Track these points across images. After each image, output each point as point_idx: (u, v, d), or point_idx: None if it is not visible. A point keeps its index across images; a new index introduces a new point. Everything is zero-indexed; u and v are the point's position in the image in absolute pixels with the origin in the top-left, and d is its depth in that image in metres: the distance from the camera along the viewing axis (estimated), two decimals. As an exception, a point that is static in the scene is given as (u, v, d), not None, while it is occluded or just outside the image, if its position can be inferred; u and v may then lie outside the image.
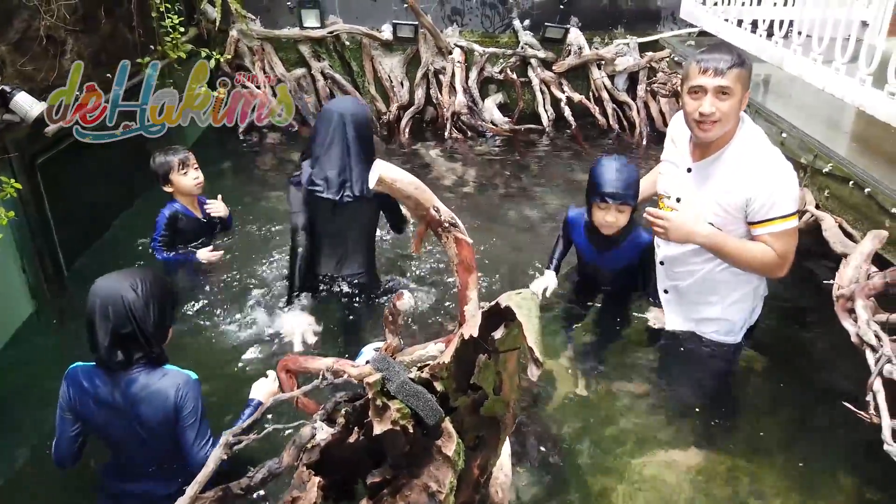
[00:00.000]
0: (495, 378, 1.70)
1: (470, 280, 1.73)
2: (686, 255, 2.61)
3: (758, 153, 2.38)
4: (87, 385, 1.95)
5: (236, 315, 3.11)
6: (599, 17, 5.88)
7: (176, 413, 1.94)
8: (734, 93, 2.32)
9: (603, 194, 2.65)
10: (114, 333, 1.88)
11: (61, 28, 3.27)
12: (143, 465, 2.04)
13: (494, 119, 5.89)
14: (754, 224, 2.38)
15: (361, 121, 2.82)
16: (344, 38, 5.76)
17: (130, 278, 1.94)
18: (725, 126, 2.36)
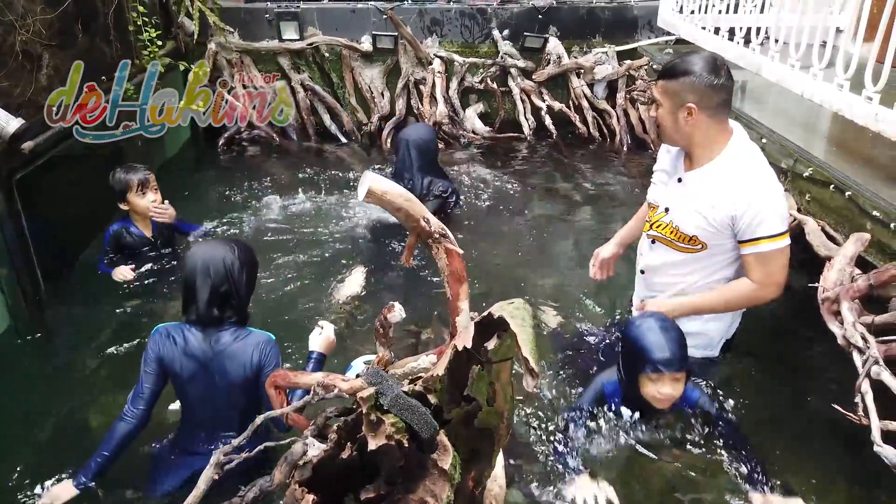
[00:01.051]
0: (489, 389, 1.69)
1: (461, 291, 1.72)
2: (667, 267, 2.59)
3: (746, 170, 2.36)
4: (178, 339, 2.15)
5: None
6: (577, 27, 5.93)
7: (258, 369, 2.14)
8: (661, 103, 2.37)
9: (655, 363, 2.20)
10: (213, 291, 2.12)
11: (37, 43, 3.22)
12: (216, 424, 2.20)
13: (476, 128, 5.90)
14: (742, 243, 2.36)
15: (420, 143, 4.10)
16: (324, 50, 5.75)
17: (228, 244, 2.21)
18: (668, 133, 2.41)
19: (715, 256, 2.47)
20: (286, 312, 3.32)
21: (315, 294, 3.47)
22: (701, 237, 2.43)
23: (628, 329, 2.34)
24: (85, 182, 3.95)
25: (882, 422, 1.93)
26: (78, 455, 2.36)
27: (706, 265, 2.50)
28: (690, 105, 2.31)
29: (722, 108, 2.38)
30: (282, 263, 3.80)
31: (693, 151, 2.44)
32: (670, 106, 2.34)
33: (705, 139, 2.38)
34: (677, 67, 2.32)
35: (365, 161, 5.54)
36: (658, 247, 2.59)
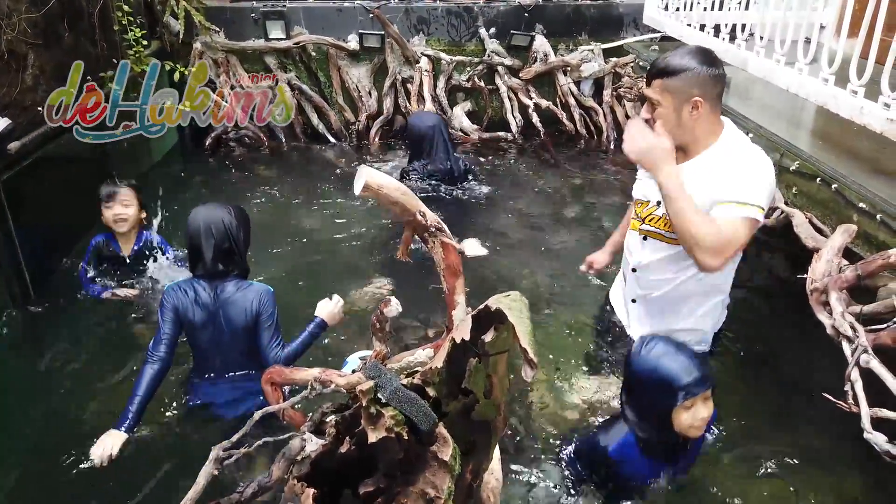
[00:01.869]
0: (486, 381, 1.70)
1: (457, 284, 1.73)
2: (661, 262, 2.54)
3: (740, 152, 2.37)
4: (189, 292, 2.46)
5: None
6: (563, 25, 5.96)
7: (256, 316, 2.44)
8: (661, 103, 2.31)
9: (687, 388, 2.00)
10: (216, 248, 2.44)
11: (22, 42, 3.19)
12: (224, 366, 2.52)
13: (463, 126, 5.91)
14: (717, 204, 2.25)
15: (444, 125, 4.54)
16: (310, 49, 5.73)
17: (224, 207, 2.52)
18: (673, 131, 2.34)
19: None
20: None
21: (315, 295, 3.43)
22: None
23: (637, 365, 2.10)
24: (71, 183, 3.92)
25: (871, 409, 1.96)
26: (64, 454, 2.35)
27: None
28: (697, 98, 2.30)
29: (719, 99, 2.39)
30: (277, 265, 3.79)
31: (690, 145, 2.44)
32: (674, 103, 2.30)
33: (705, 130, 2.37)
34: (675, 64, 2.29)
35: (354, 160, 5.53)
36: (651, 242, 2.58)
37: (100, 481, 2.25)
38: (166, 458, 2.43)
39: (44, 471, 2.41)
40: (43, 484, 2.37)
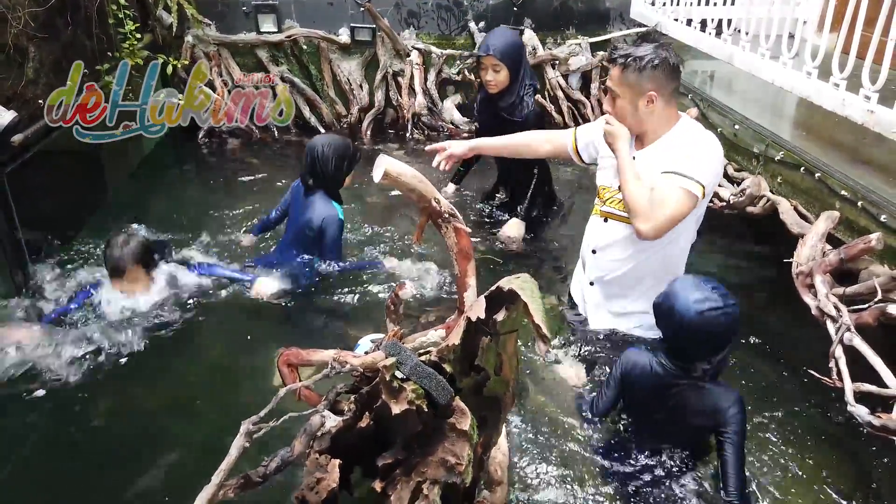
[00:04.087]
0: (496, 359, 1.81)
1: (468, 268, 1.82)
2: (620, 243, 2.66)
3: (689, 136, 2.50)
4: (296, 189, 3.49)
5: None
6: (551, 19, 6.05)
7: (319, 232, 3.28)
8: (620, 94, 2.48)
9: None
10: (308, 167, 3.29)
11: (24, 36, 3.22)
12: (296, 242, 3.43)
13: (454, 119, 5.99)
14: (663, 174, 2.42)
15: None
16: (301, 43, 5.77)
17: (330, 138, 3.37)
18: (628, 123, 2.52)
19: None
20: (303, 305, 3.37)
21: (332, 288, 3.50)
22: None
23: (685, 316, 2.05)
24: (70, 176, 3.96)
25: (854, 384, 2.09)
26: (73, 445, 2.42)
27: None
28: (651, 93, 2.46)
29: (675, 92, 2.55)
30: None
31: (646, 135, 2.58)
32: (631, 96, 2.47)
33: (660, 122, 2.53)
34: (633, 58, 2.43)
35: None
36: (610, 224, 2.70)
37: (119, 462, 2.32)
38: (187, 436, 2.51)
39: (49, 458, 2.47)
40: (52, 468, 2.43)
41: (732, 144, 3.47)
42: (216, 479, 1.48)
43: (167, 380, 2.77)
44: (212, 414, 2.59)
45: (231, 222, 4.19)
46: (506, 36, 3.75)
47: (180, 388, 2.74)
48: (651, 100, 2.48)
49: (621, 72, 2.48)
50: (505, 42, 3.63)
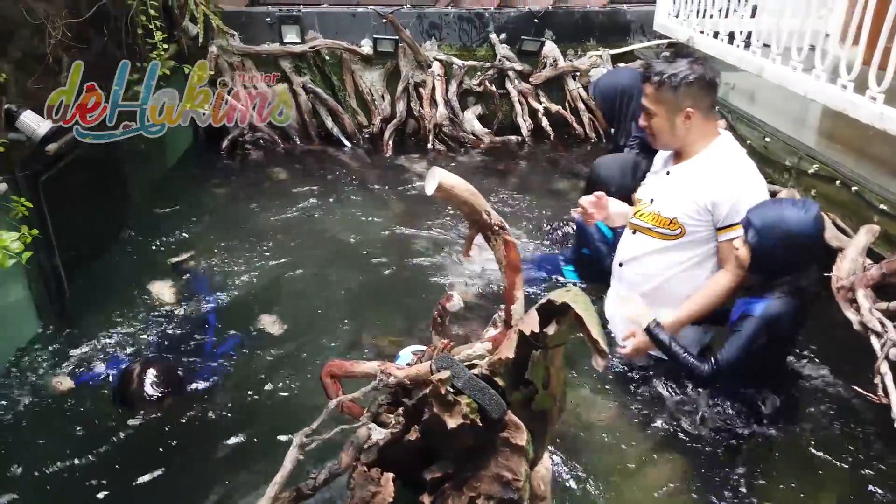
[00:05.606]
0: (544, 373, 1.79)
1: (517, 280, 1.81)
2: (646, 257, 2.66)
3: (729, 161, 2.51)
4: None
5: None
6: (572, 31, 6.07)
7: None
8: (656, 112, 2.47)
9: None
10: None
11: (60, 47, 3.25)
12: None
13: (475, 130, 6.01)
14: (720, 230, 2.49)
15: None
16: (324, 53, 5.81)
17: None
18: (665, 139, 2.53)
19: (692, 246, 2.57)
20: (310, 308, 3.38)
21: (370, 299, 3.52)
22: (680, 220, 2.53)
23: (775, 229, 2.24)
24: (101, 184, 3.99)
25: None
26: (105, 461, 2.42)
27: (683, 256, 2.59)
28: (689, 109, 2.45)
29: (712, 107, 2.54)
30: (300, 262, 3.86)
31: (684, 150, 2.59)
32: (666, 113, 2.46)
33: (698, 137, 2.53)
34: (668, 75, 2.42)
35: (368, 163, 5.62)
36: (638, 237, 2.70)
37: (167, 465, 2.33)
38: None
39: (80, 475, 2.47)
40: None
41: (763, 157, 3.45)
42: (271, 492, 1.48)
43: (215, 392, 2.77)
44: (260, 426, 2.58)
45: (254, 233, 4.21)
46: (611, 75, 3.71)
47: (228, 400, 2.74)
48: (688, 116, 2.48)
49: (656, 89, 2.47)
50: (604, 82, 3.57)
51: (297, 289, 3.61)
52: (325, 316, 3.33)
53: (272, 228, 4.32)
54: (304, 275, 3.75)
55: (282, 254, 3.94)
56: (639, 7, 6.06)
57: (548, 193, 5.06)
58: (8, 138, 2.84)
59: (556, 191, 5.12)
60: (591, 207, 2.79)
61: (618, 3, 6.14)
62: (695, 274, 2.62)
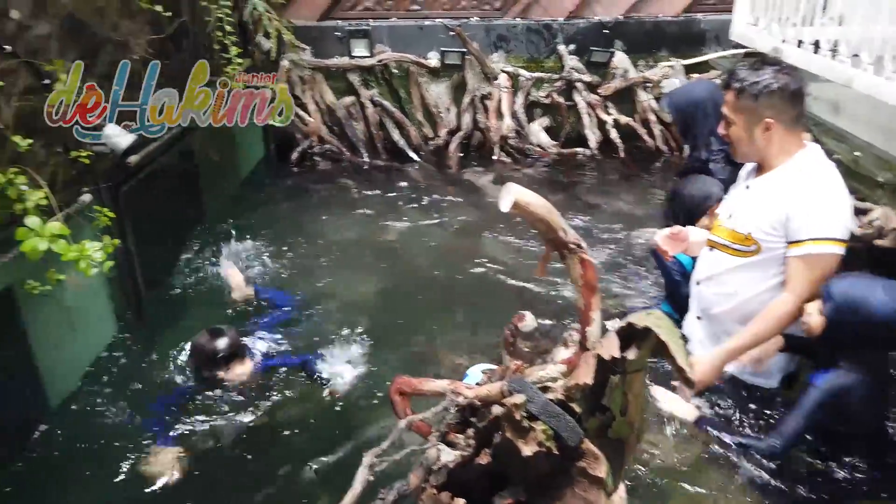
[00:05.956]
0: (622, 399, 1.71)
1: (593, 301, 1.74)
2: (722, 275, 2.53)
3: (807, 174, 2.36)
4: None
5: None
6: (643, 41, 5.93)
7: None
8: (734, 121, 2.38)
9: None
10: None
11: (141, 62, 3.37)
12: None
13: (541, 142, 5.93)
14: (791, 244, 2.32)
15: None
16: (392, 67, 5.86)
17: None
18: (743, 149, 2.42)
19: (770, 264, 2.42)
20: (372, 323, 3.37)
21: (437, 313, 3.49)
22: (755, 235, 2.40)
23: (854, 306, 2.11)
24: (177, 193, 4.11)
25: None
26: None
27: (760, 273, 2.45)
28: (768, 120, 2.32)
29: (797, 120, 2.39)
30: (364, 276, 3.87)
31: (765, 163, 2.46)
32: (745, 122, 2.36)
33: (779, 151, 2.39)
34: (749, 83, 2.32)
35: (433, 175, 5.62)
36: (715, 254, 2.57)
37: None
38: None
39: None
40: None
41: (852, 172, 3.24)
42: (341, 513, 1.45)
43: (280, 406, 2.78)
44: (324, 441, 2.58)
45: (320, 244, 4.26)
46: (687, 88, 3.59)
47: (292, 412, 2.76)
48: (768, 127, 2.35)
49: (736, 97, 2.37)
50: (679, 95, 3.44)
51: (362, 301, 3.63)
52: (390, 329, 3.32)
53: (338, 240, 4.36)
54: (370, 287, 3.76)
55: (348, 265, 3.97)
56: (714, 16, 5.86)
57: (616, 208, 4.94)
58: (92, 150, 2.94)
59: (624, 205, 4.99)
60: (667, 244, 2.70)
61: (692, 13, 5.95)
62: (773, 295, 2.47)
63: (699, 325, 2.70)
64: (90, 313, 3.08)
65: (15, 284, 2.55)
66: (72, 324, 2.76)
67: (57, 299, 2.64)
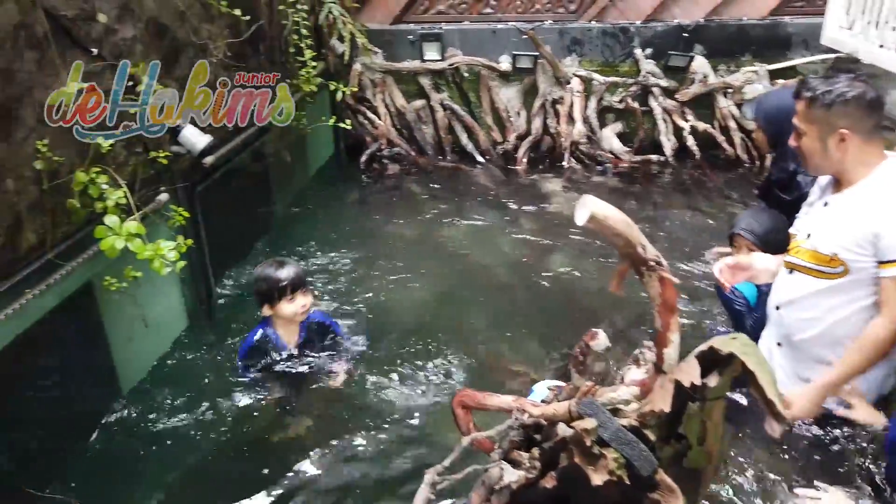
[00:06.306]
0: (700, 428, 1.60)
1: (672, 322, 1.65)
2: (806, 299, 2.35)
3: (894, 188, 2.19)
4: None
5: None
6: (725, 45, 5.68)
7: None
8: (805, 131, 2.25)
9: None
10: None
11: (220, 65, 3.44)
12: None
13: (613, 148, 5.78)
14: (883, 263, 2.16)
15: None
16: (463, 70, 5.83)
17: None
18: (816, 162, 2.29)
19: (859, 286, 2.25)
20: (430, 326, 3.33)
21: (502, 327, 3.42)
22: (841, 256, 2.22)
23: None
24: (248, 193, 4.20)
25: None
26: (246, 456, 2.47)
27: (847, 295, 2.27)
28: (843, 130, 2.17)
29: (876, 130, 2.23)
30: (426, 279, 3.83)
31: (842, 177, 2.29)
32: (818, 133, 2.23)
33: (857, 163, 2.23)
34: (822, 92, 2.19)
35: (501, 180, 5.55)
36: (796, 276, 2.40)
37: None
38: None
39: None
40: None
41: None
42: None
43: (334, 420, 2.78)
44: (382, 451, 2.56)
45: (385, 245, 4.25)
46: (777, 94, 3.41)
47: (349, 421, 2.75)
48: (843, 138, 2.20)
49: (807, 106, 2.24)
50: (769, 101, 3.26)
51: (424, 304, 3.60)
52: (451, 334, 3.27)
53: (402, 242, 4.36)
54: (433, 290, 3.73)
55: (410, 268, 3.95)
56: (803, 19, 5.56)
57: (689, 220, 4.74)
58: (170, 151, 3.02)
59: (699, 217, 4.78)
60: (727, 275, 2.54)
61: (779, 15, 5.67)
62: (864, 318, 2.29)
63: (779, 352, 2.53)
64: (162, 309, 3.16)
65: (94, 279, 2.63)
66: (144, 318, 2.83)
67: (132, 295, 2.71)
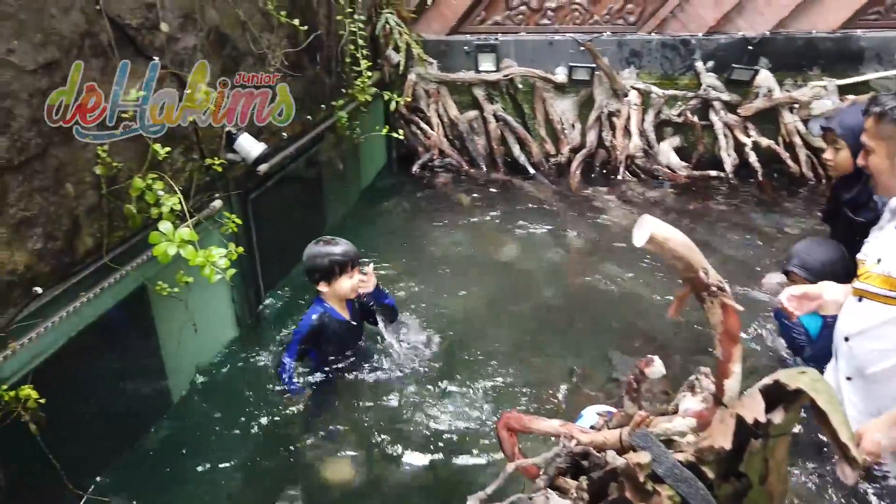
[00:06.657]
0: (762, 466, 1.50)
1: (734, 352, 1.55)
2: (878, 328, 2.20)
3: None
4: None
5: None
6: (792, 58, 5.47)
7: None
8: (874, 149, 2.17)
9: None
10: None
11: (277, 74, 3.48)
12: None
13: (671, 163, 5.62)
14: None
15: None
16: (517, 81, 5.77)
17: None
18: (885, 181, 2.19)
19: None
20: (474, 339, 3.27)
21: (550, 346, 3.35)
22: None
23: None
24: (300, 201, 4.23)
25: None
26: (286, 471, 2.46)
27: None
28: None
29: None
30: (474, 291, 3.78)
31: None
32: (887, 150, 2.14)
33: None
34: (892, 106, 2.09)
35: (554, 194, 5.46)
36: (866, 304, 2.24)
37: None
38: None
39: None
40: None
41: None
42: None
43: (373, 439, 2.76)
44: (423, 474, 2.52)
45: (434, 255, 4.22)
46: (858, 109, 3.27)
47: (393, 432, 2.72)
48: None
49: (876, 123, 2.15)
50: (853, 116, 3.14)
51: (470, 317, 3.55)
52: (500, 351, 3.21)
53: (451, 252, 4.32)
54: (482, 304, 3.68)
55: (460, 279, 3.91)
56: (877, 32, 5.31)
57: (749, 241, 4.55)
58: (225, 158, 3.06)
59: (759, 238, 4.59)
60: (793, 304, 2.41)
61: (850, 28, 5.43)
62: None
63: (849, 387, 2.37)
64: (212, 315, 3.20)
65: (148, 284, 2.67)
66: (195, 323, 2.86)
67: (183, 300, 2.74)
